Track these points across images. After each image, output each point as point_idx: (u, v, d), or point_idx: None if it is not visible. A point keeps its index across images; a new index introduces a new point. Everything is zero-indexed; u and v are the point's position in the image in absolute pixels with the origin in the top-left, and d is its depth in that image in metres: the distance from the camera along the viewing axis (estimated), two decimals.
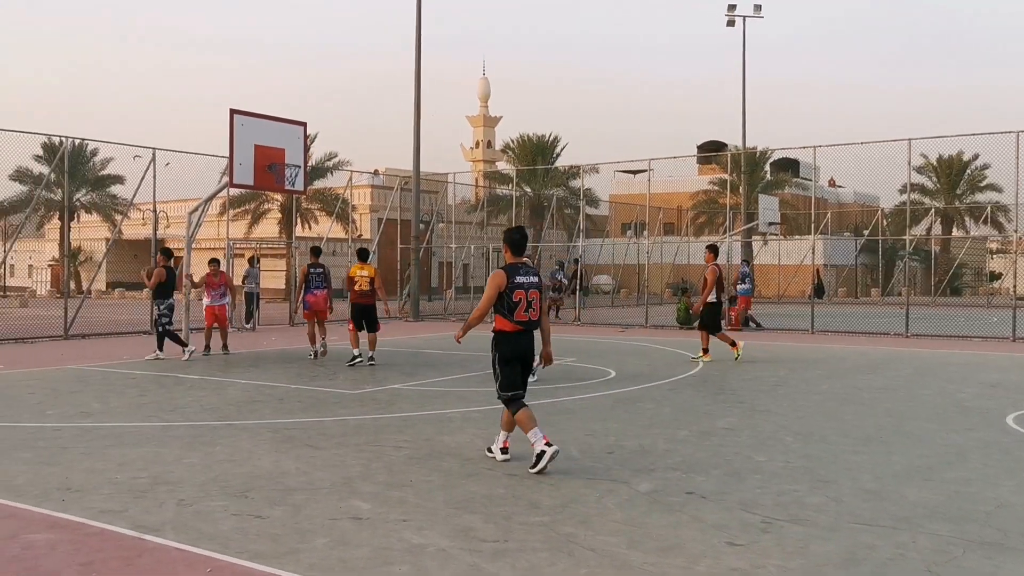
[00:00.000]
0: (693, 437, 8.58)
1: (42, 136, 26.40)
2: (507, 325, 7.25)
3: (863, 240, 48.93)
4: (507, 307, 7.23)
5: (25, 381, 12.63)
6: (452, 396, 11.23)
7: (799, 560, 4.97)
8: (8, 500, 6.14)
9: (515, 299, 7.22)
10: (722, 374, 13.83)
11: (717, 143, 56.92)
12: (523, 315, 7.24)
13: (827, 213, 45.44)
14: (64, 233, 25.36)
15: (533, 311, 7.29)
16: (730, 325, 24.02)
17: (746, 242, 34.80)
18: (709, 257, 16.06)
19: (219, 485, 6.56)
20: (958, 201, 53.49)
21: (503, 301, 7.23)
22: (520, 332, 7.27)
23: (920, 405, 10.76)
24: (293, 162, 17.35)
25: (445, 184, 37.66)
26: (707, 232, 51.73)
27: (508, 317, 7.24)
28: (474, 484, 6.66)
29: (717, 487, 6.59)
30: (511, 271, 7.29)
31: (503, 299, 7.23)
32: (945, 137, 34.39)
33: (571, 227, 51.67)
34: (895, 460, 7.61)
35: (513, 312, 7.23)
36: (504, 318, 7.26)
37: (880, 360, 16.21)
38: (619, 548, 5.17)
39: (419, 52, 28.52)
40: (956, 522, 5.73)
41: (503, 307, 7.24)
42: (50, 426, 9.03)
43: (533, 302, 7.29)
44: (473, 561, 4.92)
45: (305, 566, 4.83)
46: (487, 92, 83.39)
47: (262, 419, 9.51)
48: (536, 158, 52.32)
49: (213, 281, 16.69)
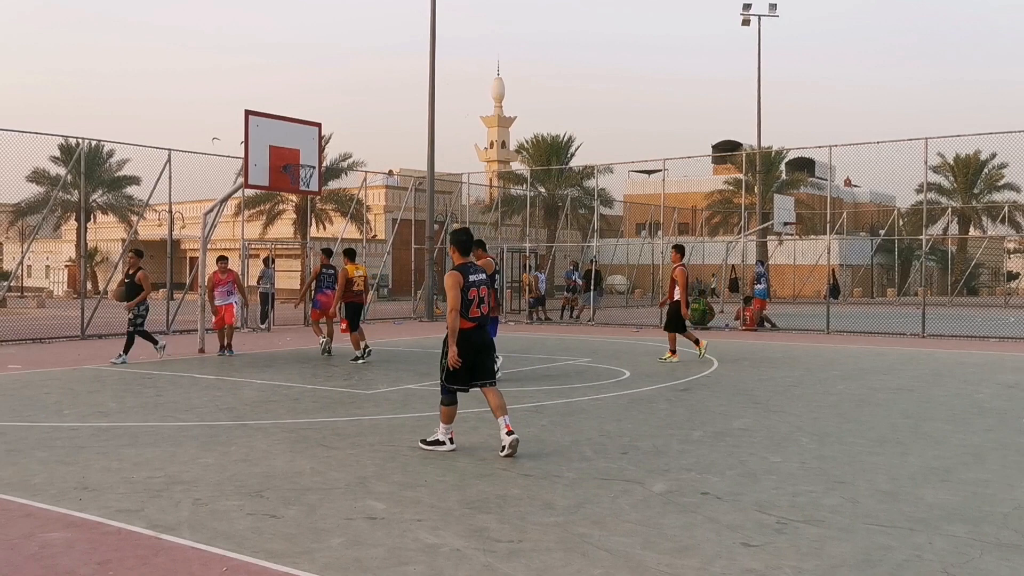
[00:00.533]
0: (708, 438, 8.56)
1: (59, 137, 26.51)
2: (464, 322, 7.66)
3: (879, 240, 48.69)
4: (463, 305, 7.65)
5: (43, 381, 12.72)
6: (466, 396, 11.20)
7: (814, 561, 4.95)
8: (25, 499, 6.18)
9: (470, 297, 7.67)
10: (737, 375, 13.79)
11: (732, 143, 56.72)
12: (476, 311, 7.73)
13: (843, 213, 45.31)
14: (81, 234, 25.49)
15: (485, 307, 7.82)
16: (745, 325, 23.96)
17: (761, 242, 34.67)
18: (675, 257, 15.99)
19: (234, 485, 6.59)
20: (975, 200, 53.19)
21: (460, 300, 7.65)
22: (475, 328, 7.73)
23: (937, 406, 10.70)
24: (308, 163, 17.40)
25: (459, 184, 37.69)
26: (722, 232, 51.63)
27: (464, 314, 7.65)
28: (488, 484, 6.66)
29: (732, 488, 6.57)
30: (464, 271, 7.72)
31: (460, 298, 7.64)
32: (962, 136, 34.30)
33: (585, 227, 51.69)
34: (911, 461, 7.57)
35: (468, 309, 7.66)
36: (460, 316, 7.64)
37: (896, 361, 16.12)
38: (634, 549, 5.16)
39: (433, 52, 28.55)
40: (973, 523, 5.69)
41: (460, 305, 7.64)
42: (67, 426, 9.09)
43: (484, 298, 7.81)
44: (487, 561, 4.93)
45: (320, 565, 4.84)
46: (501, 92, 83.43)
47: (277, 419, 9.54)
48: (550, 158, 52.32)
49: (220, 279, 16.47)
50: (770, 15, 39.33)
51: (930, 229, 47.61)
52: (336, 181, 43.30)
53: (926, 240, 28.37)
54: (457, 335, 7.62)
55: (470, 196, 41.32)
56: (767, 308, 24.94)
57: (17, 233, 51.14)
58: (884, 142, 24.48)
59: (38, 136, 19.83)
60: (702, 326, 24.41)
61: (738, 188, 45.37)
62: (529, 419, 9.54)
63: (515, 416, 9.67)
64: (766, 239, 37.98)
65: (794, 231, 38.84)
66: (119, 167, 47.52)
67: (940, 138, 28.91)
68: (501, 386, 11.41)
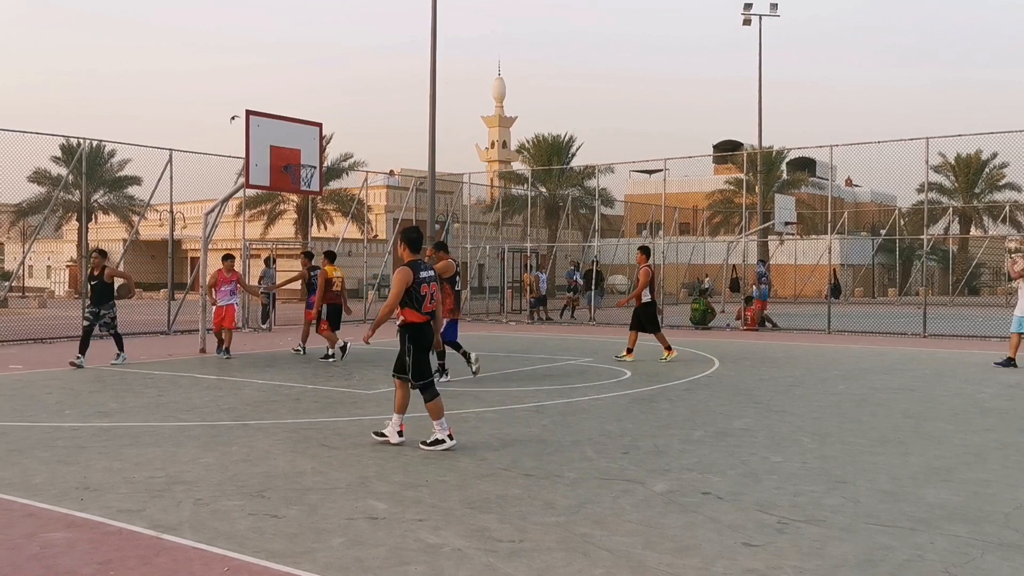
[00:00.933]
0: (709, 437, 8.56)
1: (60, 137, 26.55)
2: (417, 317, 7.92)
3: (880, 240, 48.68)
4: (415, 301, 7.89)
5: (44, 381, 12.72)
6: (467, 396, 11.23)
7: (815, 561, 4.94)
8: (27, 499, 6.19)
9: (422, 293, 7.91)
10: (738, 374, 13.78)
11: (733, 142, 56.73)
12: (428, 306, 7.98)
13: (844, 212, 45.27)
14: (82, 234, 25.54)
15: (434, 303, 8.07)
16: (746, 325, 23.96)
17: (762, 242, 34.67)
18: (640, 258, 15.89)
19: (236, 485, 6.59)
20: (976, 200, 53.20)
21: (411, 296, 7.88)
22: (427, 323, 8.01)
23: (938, 406, 10.69)
24: (309, 163, 17.42)
25: (460, 184, 37.70)
26: (723, 232, 51.66)
27: (417, 309, 7.91)
28: (489, 484, 6.66)
29: (733, 488, 6.57)
30: (415, 267, 7.93)
31: (411, 294, 7.87)
32: (963, 136, 34.24)
33: (586, 227, 51.70)
34: (913, 461, 7.56)
35: (421, 305, 7.91)
36: (414, 311, 7.91)
37: (897, 360, 16.12)
38: (635, 548, 5.16)
39: (434, 52, 28.54)
40: (974, 523, 5.69)
41: (412, 301, 7.90)
42: (68, 426, 9.09)
43: (434, 294, 8.05)
44: (488, 561, 4.93)
45: (321, 565, 4.84)
46: (502, 92, 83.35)
47: (278, 419, 9.54)
48: (551, 158, 52.33)
49: (224, 277, 15.92)
50: (771, 15, 39.34)
51: (931, 229, 47.59)
52: (337, 181, 43.31)
53: (927, 240, 28.35)
54: (412, 328, 7.91)
55: (471, 196, 41.31)
56: (767, 308, 24.93)
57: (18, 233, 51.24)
58: (885, 142, 24.51)
59: (39, 136, 19.88)
60: (703, 326, 24.41)
61: (739, 188, 45.37)
62: (530, 419, 9.54)
63: (517, 416, 9.70)
64: (767, 239, 37.99)
65: (795, 231, 38.86)
66: (120, 167, 47.61)
67: (941, 138, 28.94)
68: (497, 387, 11.42)
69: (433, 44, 28.55)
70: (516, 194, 46.13)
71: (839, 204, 50.62)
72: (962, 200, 52.82)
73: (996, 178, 53.26)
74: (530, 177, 43.90)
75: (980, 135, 25.35)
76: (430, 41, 28.51)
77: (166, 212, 24.92)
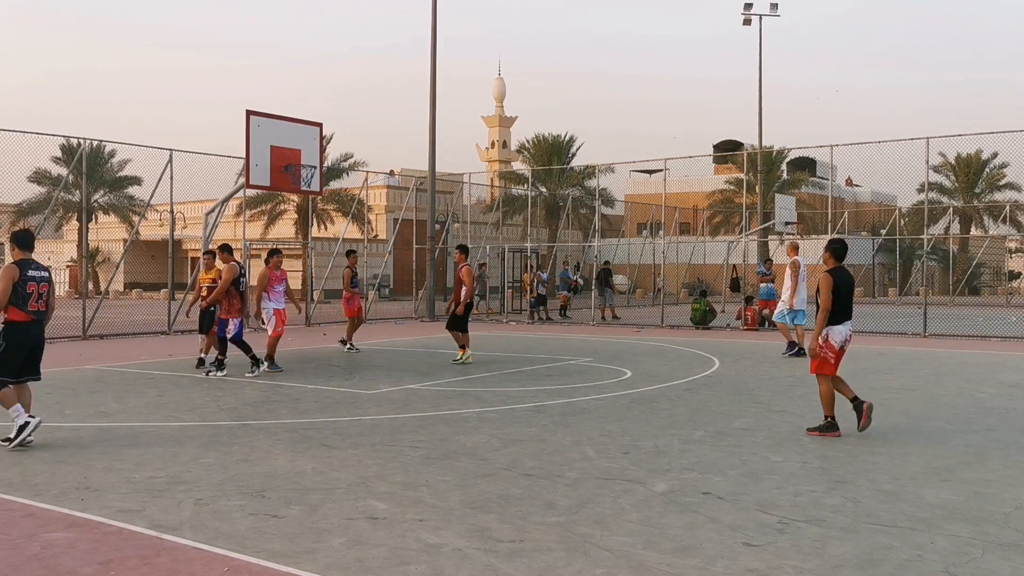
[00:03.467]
0: (709, 437, 8.56)
1: (60, 138, 26.56)
2: (21, 315, 7.99)
3: (880, 239, 48.66)
4: (21, 298, 7.97)
5: (44, 381, 12.64)
6: (468, 396, 11.24)
7: (816, 561, 4.95)
8: (27, 499, 6.19)
9: (28, 291, 8.00)
10: (738, 374, 13.79)
11: (733, 142, 56.72)
12: (35, 305, 8.05)
13: (844, 212, 45.26)
14: (82, 234, 25.52)
15: (43, 303, 8.13)
16: (747, 325, 23.94)
17: (762, 241, 34.66)
18: (460, 257, 15.39)
19: (236, 485, 6.59)
20: (976, 200, 53.19)
21: (17, 293, 7.95)
22: (32, 322, 8.07)
23: (938, 405, 10.69)
24: (309, 163, 17.44)
25: (460, 184, 37.69)
26: (723, 232, 51.63)
27: (22, 308, 7.99)
28: (490, 484, 6.66)
29: (734, 487, 6.57)
30: (23, 266, 8.05)
31: (17, 291, 7.95)
32: (963, 136, 34.35)
33: (586, 227, 51.69)
34: (913, 461, 7.56)
35: (27, 303, 7.98)
36: (19, 309, 7.98)
37: (898, 360, 16.11)
38: (635, 548, 5.16)
39: (435, 52, 28.56)
40: (975, 523, 5.69)
41: (18, 299, 7.96)
42: (68, 426, 9.10)
43: (44, 294, 8.13)
44: (489, 561, 4.93)
45: (322, 565, 4.84)
46: (503, 92, 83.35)
47: (278, 419, 9.55)
48: (551, 158, 52.30)
49: (275, 275, 14.12)
50: (771, 15, 39.35)
51: (931, 229, 47.60)
52: (337, 181, 43.29)
53: (927, 240, 28.34)
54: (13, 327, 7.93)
55: (471, 196, 41.31)
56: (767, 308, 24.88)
57: None
58: (885, 142, 24.52)
59: (39, 136, 19.88)
60: (704, 326, 24.40)
61: (739, 188, 45.35)
62: (531, 419, 9.54)
63: (517, 416, 9.70)
64: (767, 238, 37.95)
65: (795, 231, 38.82)
66: (120, 167, 47.56)
67: (941, 137, 29.06)
68: (498, 387, 11.45)
69: (433, 44, 28.57)
70: (516, 194, 46.12)
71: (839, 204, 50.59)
72: (962, 200, 52.80)
73: (996, 178, 53.22)
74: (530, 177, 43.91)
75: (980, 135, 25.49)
76: (430, 41, 28.53)
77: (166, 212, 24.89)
